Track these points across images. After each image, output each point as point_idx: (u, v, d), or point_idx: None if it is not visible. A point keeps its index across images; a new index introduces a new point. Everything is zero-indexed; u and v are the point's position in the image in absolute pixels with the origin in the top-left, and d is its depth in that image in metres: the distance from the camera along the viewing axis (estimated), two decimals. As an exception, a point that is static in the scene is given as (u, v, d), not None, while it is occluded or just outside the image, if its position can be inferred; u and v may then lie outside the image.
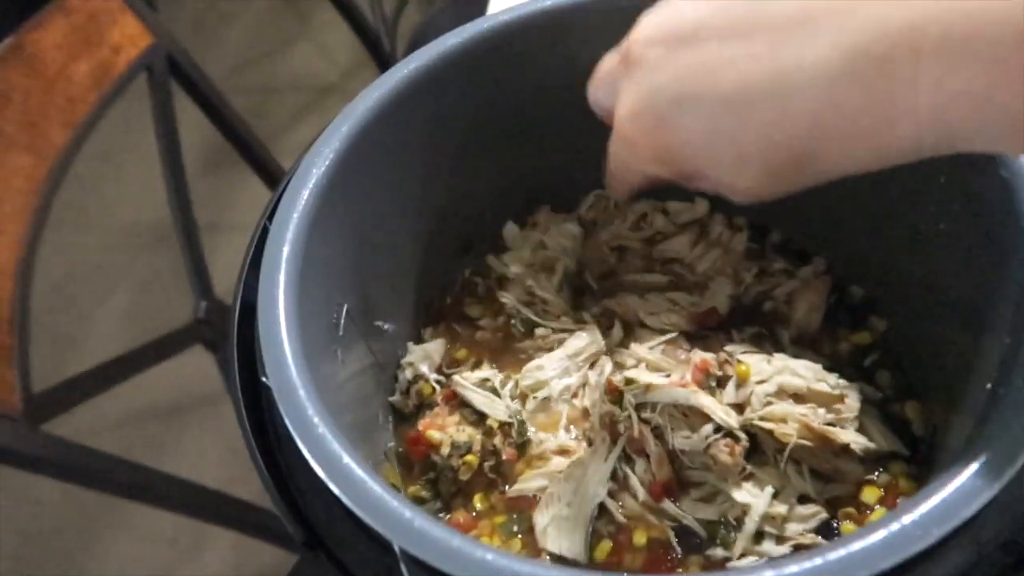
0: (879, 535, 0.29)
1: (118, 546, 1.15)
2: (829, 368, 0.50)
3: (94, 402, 0.82)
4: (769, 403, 0.47)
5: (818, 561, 0.28)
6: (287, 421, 0.34)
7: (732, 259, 0.59)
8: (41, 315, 1.34)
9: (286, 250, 0.39)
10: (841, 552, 0.27)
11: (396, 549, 0.31)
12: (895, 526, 0.29)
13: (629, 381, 0.50)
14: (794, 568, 0.27)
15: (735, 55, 0.30)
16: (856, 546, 0.28)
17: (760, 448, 0.47)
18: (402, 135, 0.48)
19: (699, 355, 0.50)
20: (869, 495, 0.47)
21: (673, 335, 0.53)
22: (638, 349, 0.52)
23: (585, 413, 0.51)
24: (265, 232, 0.42)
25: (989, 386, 0.36)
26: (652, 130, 0.33)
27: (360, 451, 0.35)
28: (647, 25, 0.34)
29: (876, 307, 0.55)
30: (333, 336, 0.44)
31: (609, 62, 0.38)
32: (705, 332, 0.55)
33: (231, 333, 0.41)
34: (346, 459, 0.33)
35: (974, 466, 0.30)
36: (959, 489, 0.29)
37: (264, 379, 0.37)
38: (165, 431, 1.25)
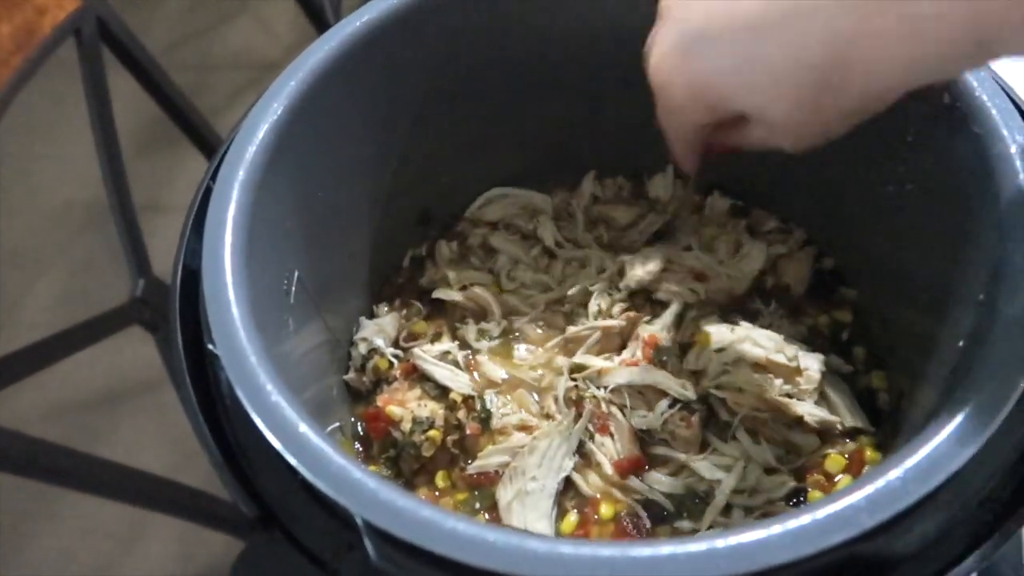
0: (863, 492, 0.28)
1: (52, 540, 1.09)
2: (808, 342, 0.49)
3: (23, 391, 0.76)
4: (726, 371, 0.47)
5: (805, 519, 0.26)
6: (237, 388, 0.31)
7: (717, 216, 0.57)
8: (-33, 303, 1.27)
9: (232, 208, 0.37)
10: (832, 509, 0.26)
11: (359, 522, 0.29)
12: (880, 483, 0.28)
13: (579, 367, 0.48)
14: (791, 524, 0.26)
15: None
16: (843, 503, 0.27)
17: (717, 418, 0.46)
18: (354, 91, 0.46)
19: (647, 330, 0.49)
20: (833, 465, 0.46)
21: (598, 335, 0.50)
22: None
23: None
24: (208, 193, 0.39)
25: (961, 344, 0.36)
26: (681, 66, 0.35)
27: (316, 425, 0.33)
28: None
29: (846, 278, 0.54)
30: (284, 304, 0.42)
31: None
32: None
33: (173, 299, 0.38)
34: (303, 428, 0.30)
35: (958, 420, 0.29)
36: (944, 444, 0.29)
37: (211, 346, 0.34)
38: (100, 420, 1.19)
